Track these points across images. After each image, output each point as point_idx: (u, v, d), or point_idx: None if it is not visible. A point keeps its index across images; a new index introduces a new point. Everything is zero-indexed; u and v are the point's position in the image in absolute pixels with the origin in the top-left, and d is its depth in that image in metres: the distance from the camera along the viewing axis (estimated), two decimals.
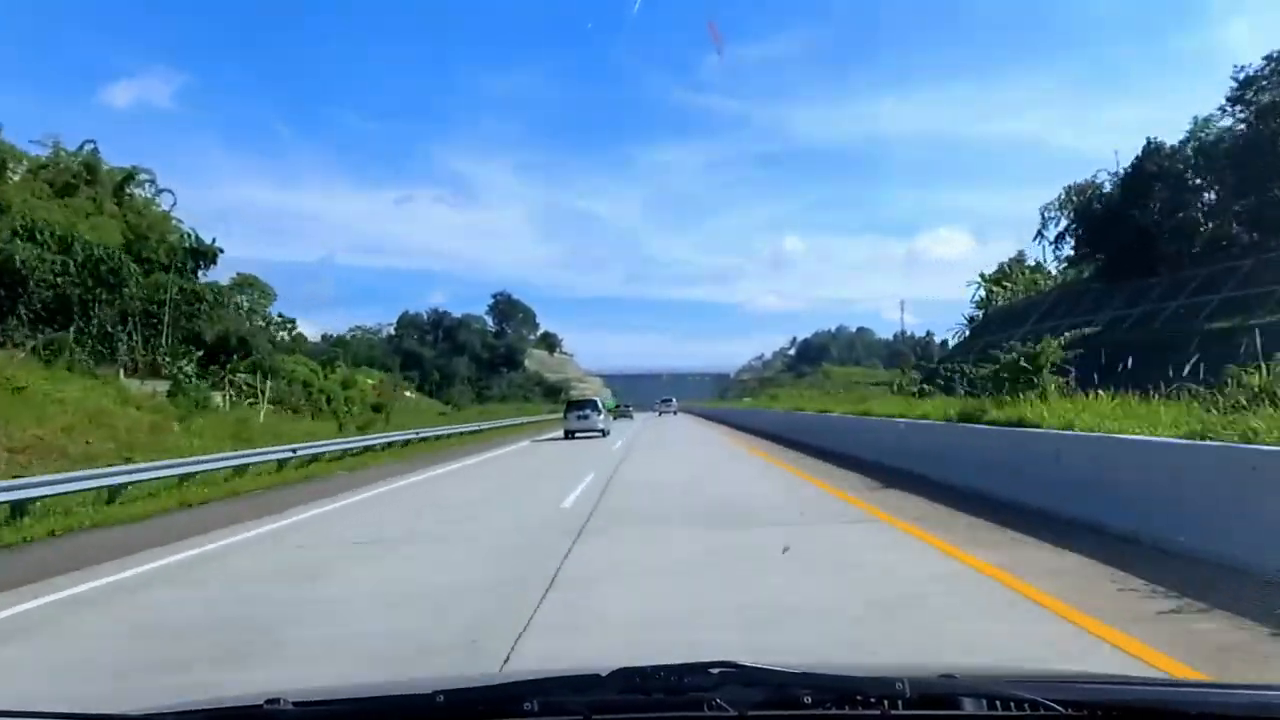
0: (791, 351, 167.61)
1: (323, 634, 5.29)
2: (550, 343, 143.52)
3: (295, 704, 1.47)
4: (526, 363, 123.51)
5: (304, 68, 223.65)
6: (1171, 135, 36.31)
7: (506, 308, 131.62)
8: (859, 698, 1.38)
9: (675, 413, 71.64)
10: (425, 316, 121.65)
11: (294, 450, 18.39)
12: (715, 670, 1.41)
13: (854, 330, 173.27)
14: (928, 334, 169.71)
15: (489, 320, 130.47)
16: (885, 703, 1.36)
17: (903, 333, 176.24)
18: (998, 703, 1.37)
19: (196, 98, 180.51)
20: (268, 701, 1.46)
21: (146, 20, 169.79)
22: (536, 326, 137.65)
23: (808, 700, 1.38)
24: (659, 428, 41.79)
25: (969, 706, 1.39)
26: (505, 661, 4.50)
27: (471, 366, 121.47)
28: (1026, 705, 1.34)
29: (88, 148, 34.90)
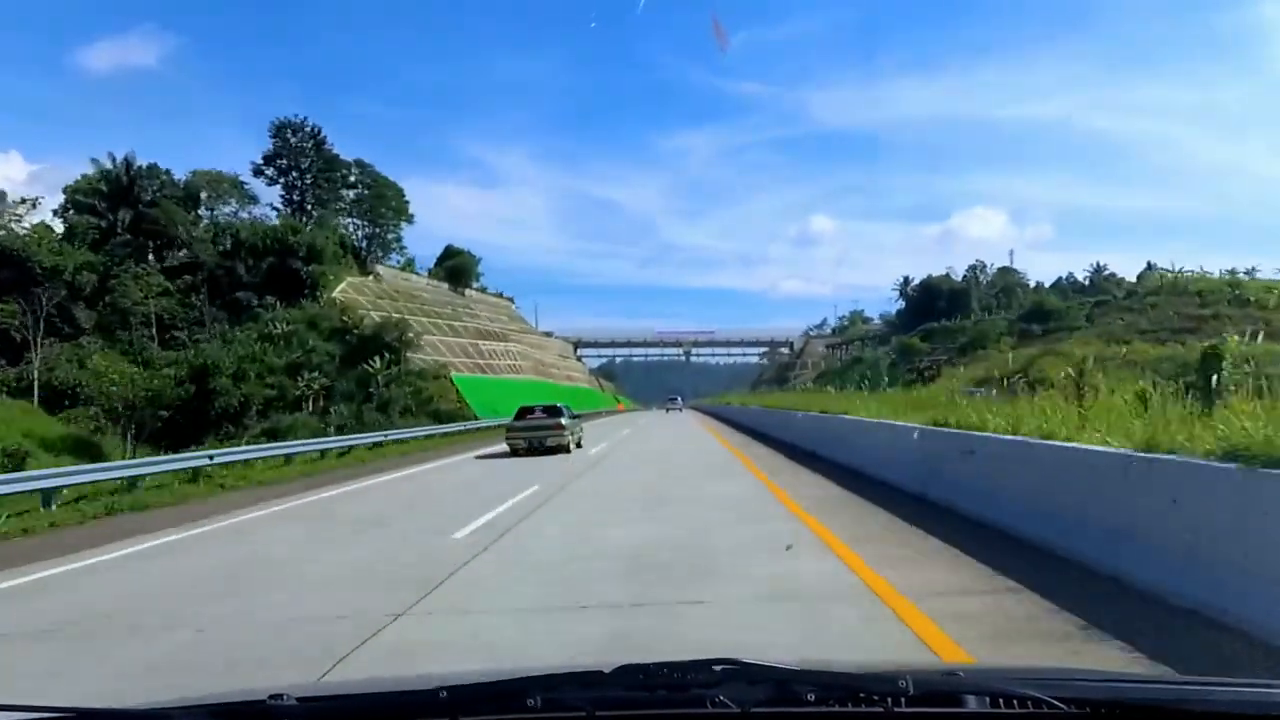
0: (892, 309, 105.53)
1: None
2: (458, 269, 78.97)
3: (299, 699, 1.47)
4: (340, 290, 57.87)
5: (322, 55, 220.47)
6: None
7: (320, 163, 65.25)
8: (862, 695, 1.39)
9: (680, 410, 70.06)
10: (111, 173, 56.77)
11: None
12: (718, 667, 1.41)
13: (993, 269, 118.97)
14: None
15: (272, 196, 66.11)
16: (888, 700, 1.36)
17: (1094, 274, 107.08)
18: (1000, 700, 1.38)
19: (213, 84, 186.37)
20: (271, 697, 1.46)
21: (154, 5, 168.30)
22: (409, 219, 71.87)
23: (811, 697, 1.38)
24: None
25: (972, 704, 1.39)
26: None
27: (203, 299, 54.46)
28: (1030, 702, 1.34)
29: None
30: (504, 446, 23.37)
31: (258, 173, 65.46)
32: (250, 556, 8.93)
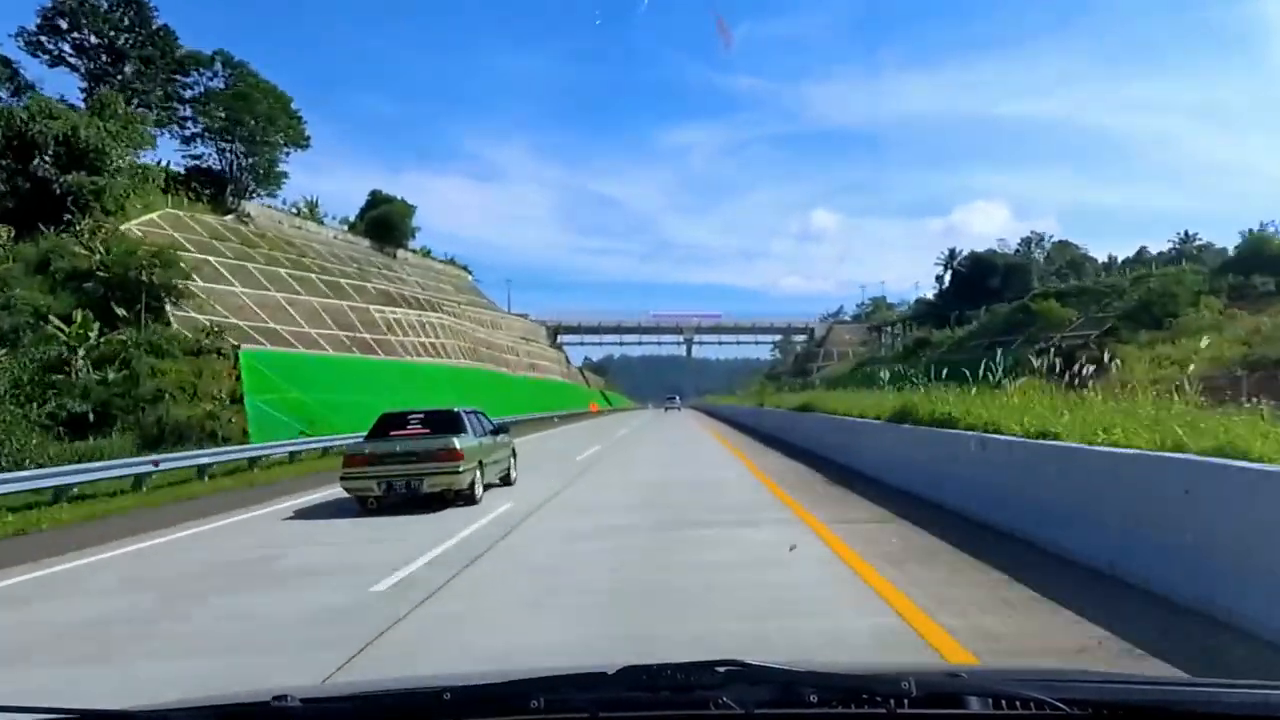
0: (934, 290, 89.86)
1: None
2: (384, 220, 60.78)
3: (303, 700, 1.46)
4: (142, 222, 38.02)
5: (322, 51, 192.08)
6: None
7: (142, 38, 44.16)
8: (865, 696, 1.38)
9: (679, 410, 68.75)
10: None
11: None
12: (721, 668, 1.40)
13: (1049, 241, 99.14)
14: None
15: (68, 87, 47.19)
16: (891, 701, 1.35)
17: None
18: (1003, 701, 1.37)
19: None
20: (275, 698, 1.45)
21: None
22: (302, 143, 51.80)
23: (814, 699, 1.37)
24: None
25: (975, 705, 1.38)
26: None
27: None
28: (1032, 704, 1.33)
29: None
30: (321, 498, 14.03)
31: (34, 46, 39.42)
32: None
